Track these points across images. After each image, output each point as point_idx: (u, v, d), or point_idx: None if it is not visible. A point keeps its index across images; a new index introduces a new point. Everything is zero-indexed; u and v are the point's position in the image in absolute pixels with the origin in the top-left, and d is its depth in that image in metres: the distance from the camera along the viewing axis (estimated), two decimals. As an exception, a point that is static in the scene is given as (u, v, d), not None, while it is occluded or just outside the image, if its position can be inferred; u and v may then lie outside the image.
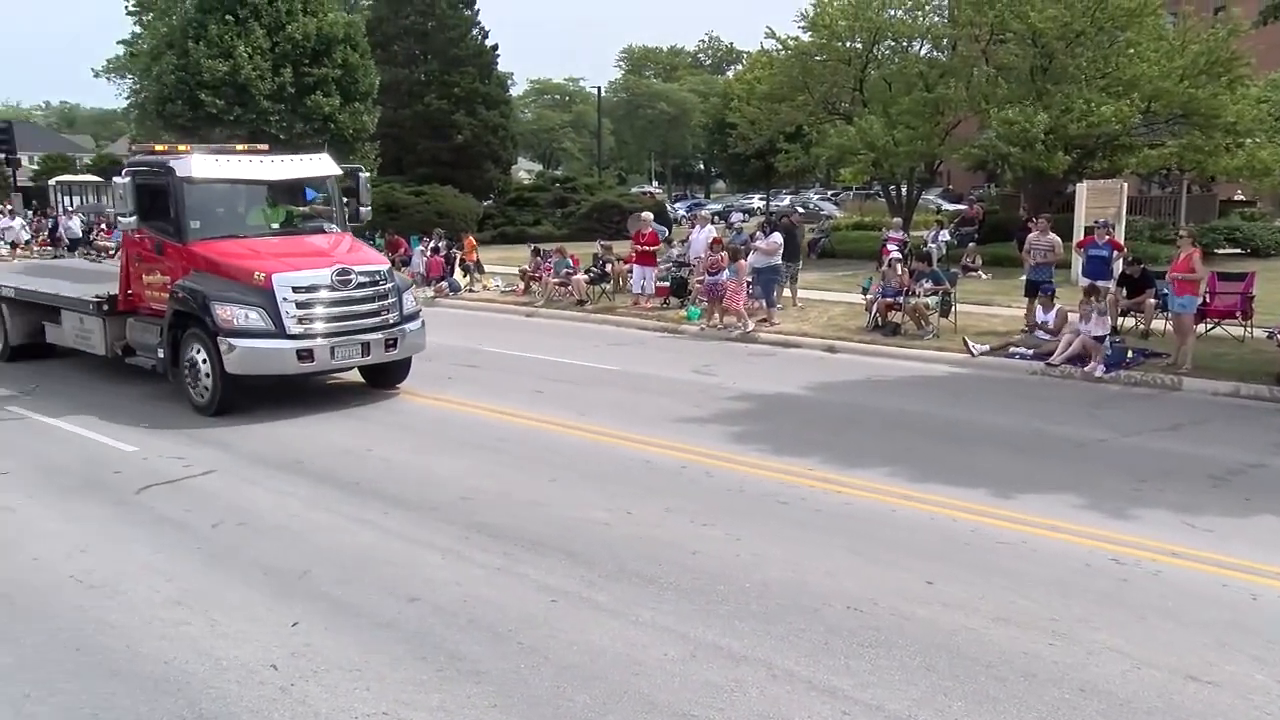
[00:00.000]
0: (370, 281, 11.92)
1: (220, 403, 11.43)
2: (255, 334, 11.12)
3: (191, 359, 11.62)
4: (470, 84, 48.22)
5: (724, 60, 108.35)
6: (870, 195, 50.36)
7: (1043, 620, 6.11)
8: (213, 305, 11.14)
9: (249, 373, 11.30)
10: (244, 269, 11.44)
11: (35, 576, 7.04)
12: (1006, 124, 24.72)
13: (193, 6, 32.71)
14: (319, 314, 11.45)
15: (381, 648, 5.89)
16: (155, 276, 12.37)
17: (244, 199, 12.79)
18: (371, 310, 11.88)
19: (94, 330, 13.23)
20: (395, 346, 12.08)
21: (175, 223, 11.93)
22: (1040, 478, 9.05)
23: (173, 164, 12.04)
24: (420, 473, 9.39)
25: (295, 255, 11.90)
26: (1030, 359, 14.30)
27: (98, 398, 12.70)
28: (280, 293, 11.21)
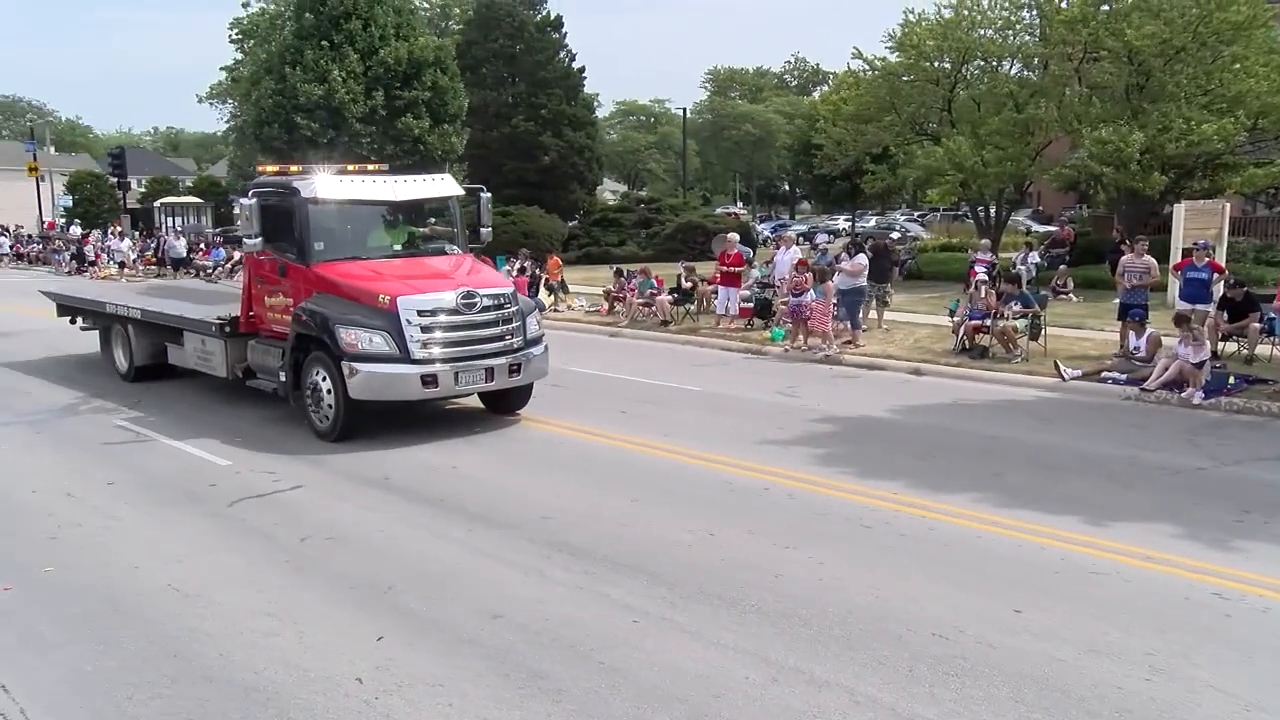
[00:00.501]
0: (495, 304, 11.57)
1: (343, 428, 11.18)
2: (379, 358, 10.88)
3: (314, 383, 11.38)
4: (557, 106, 48.79)
5: (810, 81, 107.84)
6: (958, 216, 49.63)
7: (1139, 654, 5.92)
8: (336, 328, 10.92)
9: (372, 398, 11.06)
10: (368, 291, 11.20)
11: (136, 583, 7.28)
12: (1100, 144, 24.15)
13: (291, 33, 33.72)
14: (444, 338, 11.14)
15: (463, 663, 5.95)
16: (277, 299, 12.19)
17: (366, 220, 12.66)
18: (496, 334, 11.53)
19: (215, 352, 13.18)
20: (519, 371, 11.73)
21: (298, 244, 11.77)
22: (1135, 506, 8.79)
23: (297, 185, 11.94)
24: (503, 490, 9.49)
25: (419, 277, 11.63)
26: (1124, 384, 13.90)
27: (196, 413, 13.11)
28: (405, 316, 10.92)
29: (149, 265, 39.32)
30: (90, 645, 6.27)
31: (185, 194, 62.46)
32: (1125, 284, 16.13)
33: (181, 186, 70.35)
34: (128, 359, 15.23)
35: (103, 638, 6.37)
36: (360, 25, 30.80)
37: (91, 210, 55.85)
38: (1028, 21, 29.30)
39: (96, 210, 55.72)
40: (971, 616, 6.47)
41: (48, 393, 14.49)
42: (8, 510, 9.07)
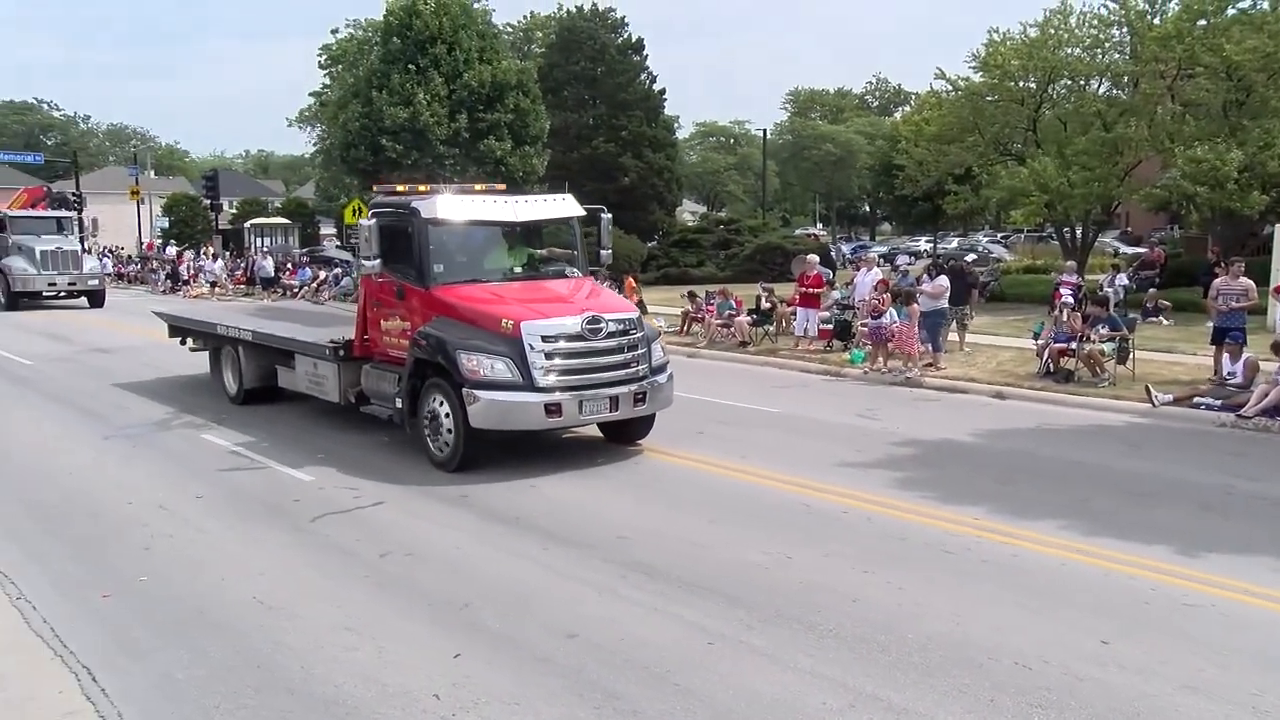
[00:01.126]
0: (621, 330, 11.03)
1: (462, 458, 10.75)
2: (502, 386, 10.39)
3: (432, 410, 10.97)
4: (637, 127, 49.15)
5: (891, 102, 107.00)
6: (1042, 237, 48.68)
7: (1241, 694, 5.70)
8: (457, 354, 10.50)
9: (493, 428, 10.60)
10: (490, 315, 10.79)
11: (223, 595, 7.47)
12: (1194, 162, 23.51)
13: (378, 58, 34.51)
14: (568, 365, 10.63)
15: (539, 682, 5.99)
16: (394, 322, 11.81)
17: (486, 242, 12.26)
18: (621, 361, 10.99)
19: (328, 376, 12.87)
20: (644, 401, 11.19)
21: (417, 266, 11.38)
22: (1231, 537, 8.49)
23: (416, 206, 11.52)
24: (580, 509, 9.54)
25: (541, 301, 11.22)
26: (1219, 410, 13.47)
27: (281, 430, 13.40)
28: (529, 342, 10.44)
29: (238, 284, 40.45)
30: (180, 653, 6.46)
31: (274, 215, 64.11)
32: (1220, 307, 15.64)
33: (270, 208, 72.27)
34: (236, 381, 15.14)
35: (192, 646, 6.56)
36: (445, 49, 31.41)
37: (186, 231, 57.68)
38: (1117, 39, 28.73)
39: (190, 231, 57.54)
40: (1056, 646, 6.31)
41: (144, 408, 14.97)
42: (109, 521, 9.39)
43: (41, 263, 32.52)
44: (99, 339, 23.65)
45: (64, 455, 12.01)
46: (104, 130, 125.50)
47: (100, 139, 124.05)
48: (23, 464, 11.69)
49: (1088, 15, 28.27)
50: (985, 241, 56.28)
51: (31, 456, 12.03)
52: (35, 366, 19.34)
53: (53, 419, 14.34)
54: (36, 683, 6.07)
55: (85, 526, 9.23)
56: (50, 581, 7.82)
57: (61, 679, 6.12)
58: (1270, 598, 7.10)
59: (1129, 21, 27.51)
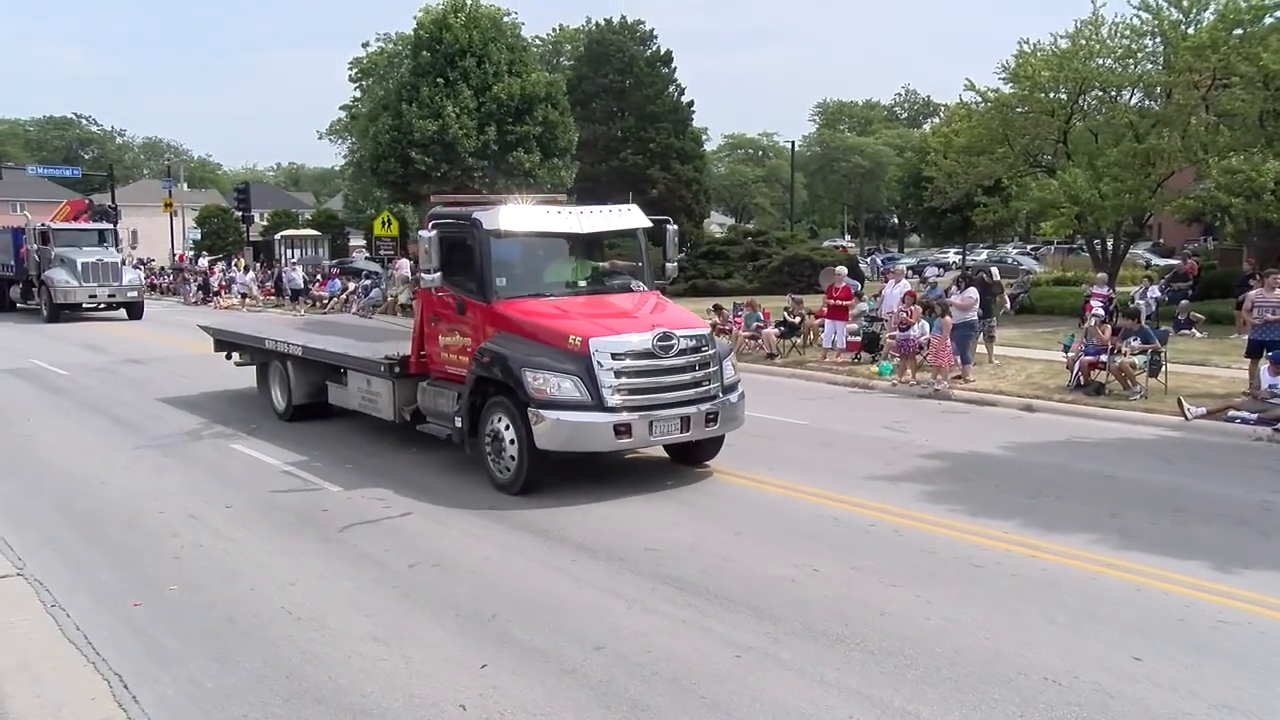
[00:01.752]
0: (693, 347, 10.53)
1: (526, 480, 10.28)
2: (570, 405, 9.91)
3: (494, 431, 10.50)
4: (666, 139, 49.27)
5: (920, 113, 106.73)
6: (1072, 249, 48.37)
7: (1279, 714, 5.62)
8: (523, 372, 10.03)
9: (560, 449, 10.15)
10: (557, 331, 10.32)
11: (252, 604, 7.53)
12: (1229, 173, 23.27)
13: (408, 71, 34.81)
14: (639, 384, 10.16)
15: (567, 694, 5.99)
16: (454, 338, 11.36)
17: (549, 254, 11.87)
18: (693, 379, 10.51)
19: (382, 393, 12.41)
20: (716, 421, 10.71)
21: (479, 279, 10.92)
22: (1268, 554, 8.38)
23: (478, 216, 11.06)
24: (608, 521, 9.54)
25: (609, 316, 10.81)
26: (1254, 424, 13.29)
27: (309, 439, 13.49)
28: (597, 359, 9.96)
29: (268, 295, 40.83)
30: (210, 662, 6.51)
31: (304, 226, 64.79)
32: (1255, 320, 15.45)
33: (301, 219, 73.06)
34: (285, 397, 14.76)
35: (222, 655, 6.61)
36: (475, 62, 31.63)
37: (218, 243, 58.38)
38: (1150, 49, 28.50)
39: (222, 243, 58.23)
40: (1087, 662, 6.25)
41: (176, 418, 15.12)
42: (141, 530, 9.49)
43: (83, 274, 32.56)
44: (132, 350, 23.93)
45: (99, 464, 12.16)
46: (139, 144, 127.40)
47: (135, 152, 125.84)
48: (61, 472, 11.84)
49: (1120, 25, 28.12)
50: (1015, 253, 55.97)
51: (69, 465, 12.18)
52: (71, 376, 19.59)
53: (89, 428, 14.52)
54: (69, 689, 6.14)
55: (119, 535, 9.33)
56: (85, 589, 7.92)
57: (93, 686, 6.19)
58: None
59: (1162, 31, 27.30)
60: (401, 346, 12.55)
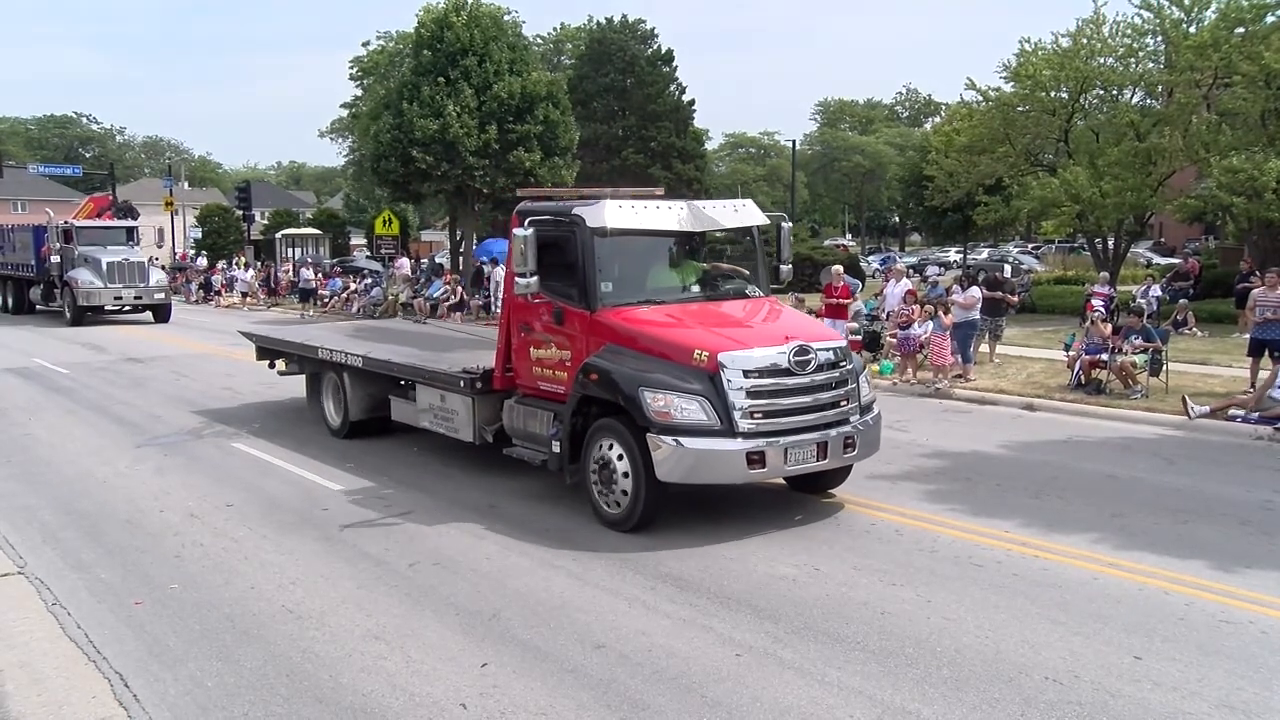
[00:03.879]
0: (831, 362, 9.29)
1: (642, 516, 8.99)
2: (696, 431, 8.61)
3: (603, 458, 9.21)
4: (667, 139, 49.29)
5: (921, 112, 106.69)
6: (1073, 248, 48.35)
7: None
8: (641, 392, 8.73)
9: (684, 480, 8.83)
10: (678, 345, 9.06)
11: (253, 603, 7.53)
12: (1230, 172, 23.24)
13: (409, 70, 34.80)
14: (773, 405, 8.86)
15: (568, 693, 5.99)
16: (549, 351, 10.05)
17: (658, 255, 10.61)
18: (831, 400, 9.23)
19: (458, 411, 11.18)
20: (854, 447, 9.38)
21: (581, 285, 9.62)
22: (1271, 554, 8.37)
23: (580, 213, 9.73)
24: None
25: (733, 327, 9.66)
26: (1256, 423, 13.28)
27: (310, 438, 13.49)
28: (728, 377, 8.69)
29: (267, 295, 40.85)
30: (211, 661, 6.52)
31: (305, 225, 64.77)
32: (1256, 318, 15.44)
33: (302, 218, 73.01)
34: (340, 412, 13.47)
35: (223, 654, 6.61)
36: (476, 61, 31.59)
37: (219, 242, 58.34)
38: (1152, 48, 28.46)
39: (223, 242, 58.18)
40: (1088, 662, 6.24)
41: (177, 416, 15.13)
42: (142, 529, 9.49)
43: (108, 275, 30.86)
44: (132, 348, 23.94)
45: (100, 463, 12.16)
46: (140, 143, 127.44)
47: (136, 151, 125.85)
48: (62, 471, 11.84)
49: (1121, 24, 28.04)
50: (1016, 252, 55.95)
51: (70, 464, 12.18)
52: (72, 375, 19.60)
53: (90, 427, 14.52)
54: (70, 688, 6.14)
55: (120, 534, 9.33)
56: (86, 587, 7.93)
57: (95, 684, 6.19)
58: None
59: (1164, 30, 27.26)
60: (480, 358, 11.35)
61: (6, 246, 35.30)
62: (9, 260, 35.29)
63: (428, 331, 16.19)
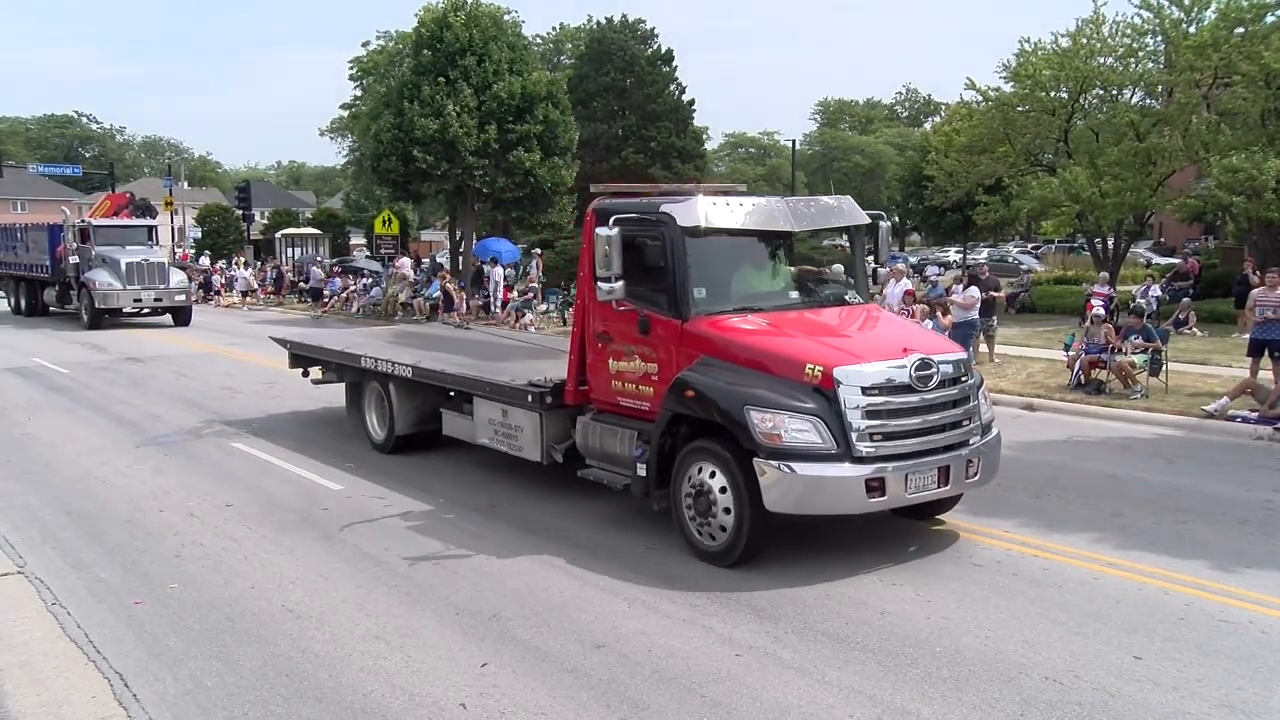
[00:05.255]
0: (953, 377, 8.37)
1: (745, 549, 8.05)
2: (809, 455, 7.70)
3: (699, 484, 8.28)
4: (667, 138, 49.22)
5: (921, 112, 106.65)
6: (1073, 248, 48.36)
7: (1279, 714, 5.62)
8: (747, 411, 7.82)
9: (794, 511, 7.93)
10: (787, 358, 8.14)
11: (253, 603, 7.53)
12: (1230, 172, 23.26)
13: (409, 70, 34.78)
14: (894, 426, 7.95)
15: (568, 693, 5.99)
16: (632, 363, 9.07)
17: (752, 257, 9.58)
18: (953, 419, 8.31)
19: (524, 427, 10.26)
20: (976, 471, 8.48)
21: (671, 290, 8.69)
22: (1271, 554, 8.37)
23: (670, 210, 8.77)
24: (609, 522, 9.55)
25: (842, 337, 8.84)
26: (1256, 423, 13.28)
27: (309, 437, 13.51)
28: (844, 395, 7.79)
29: (267, 294, 40.83)
30: (211, 661, 6.52)
31: (305, 225, 64.76)
32: (1256, 318, 15.44)
33: (301, 218, 73.00)
34: (385, 426, 12.57)
35: (222, 654, 6.61)
36: (475, 61, 31.56)
37: (219, 242, 58.32)
38: (1151, 48, 28.48)
39: (223, 242, 58.15)
40: (1088, 662, 6.25)
41: (176, 416, 15.13)
42: (141, 529, 9.49)
43: (127, 276, 29.31)
44: (131, 348, 23.93)
45: (100, 463, 12.16)
46: (139, 143, 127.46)
47: (136, 151, 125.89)
48: (61, 471, 11.84)
49: (1121, 24, 28.06)
50: (1016, 252, 55.96)
51: (69, 463, 12.18)
52: (72, 375, 19.59)
53: (90, 427, 14.51)
54: (70, 688, 6.14)
55: (119, 533, 9.33)
56: (86, 587, 7.93)
57: (94, 684, 6.19)
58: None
59: (1163, 30, 27.26)
60: (537, 368, 10.66)
61: (19, 246, 34.29)
62: (22, 261, 34.18)
63: (475, 338, 15.24)
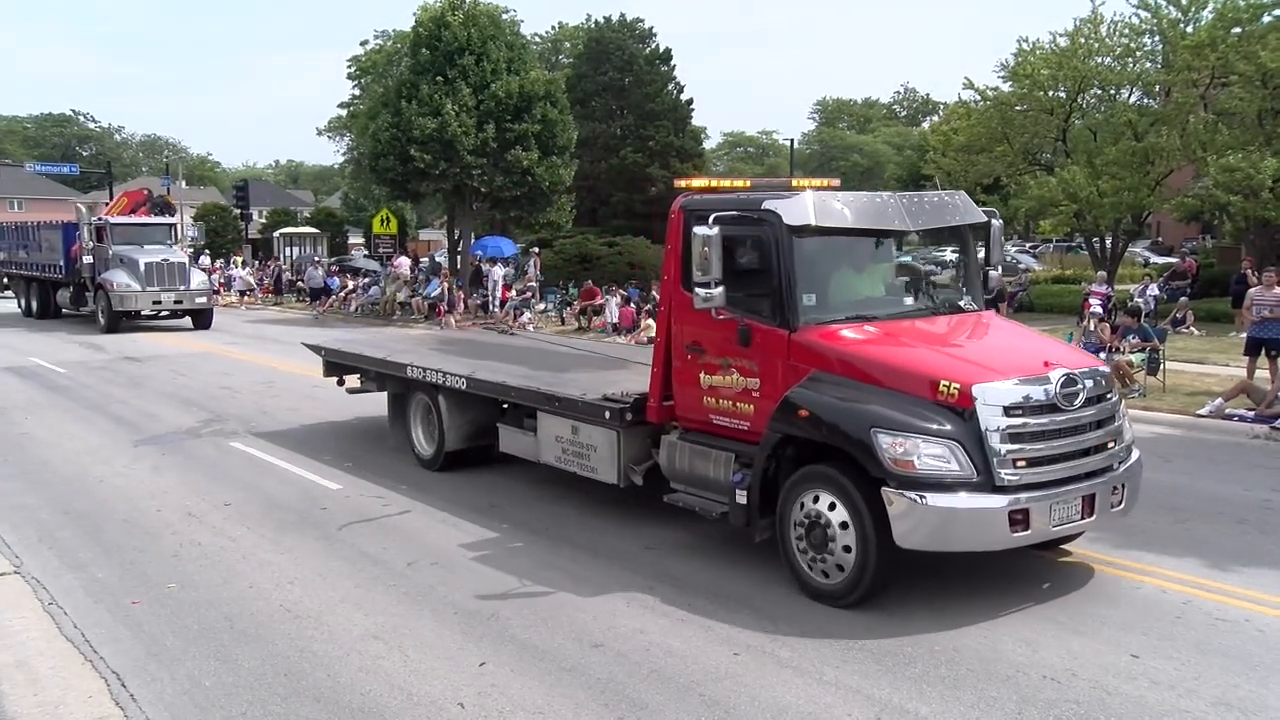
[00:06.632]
0: (1096, 395, 7.46)
1: (869, 587, 7.14)
2: (946, 484, 6.82)
3: (813, 514, 7.35)
4: (665, 138, 49.23)
5: (919, 111, 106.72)
6: (1071, 247, 48.37)
7: (1275, 711, 5.64)
8: (874, 434, 6.94)
9: (932, 548, 7.05)
10: (915, 374, 7.25)
11: (251, 602, 7.53)
12: (1227, 171, 23.31)
13: (407, 69, 34.75)
14: (1038, 451, 7.05)
15: (565, 692, 5.99)
16: (729, 377, 8.13)
17: (862, 260, 8.61)
18: (1099, 440, 7.42)
19: (598, 445, 9.29)
20: (1121, 499, 7.63)
21: (777, 296, 7.78)
22: (1268, 552, 8.39)
23: (774, 207, 7.81)
24: (607, 521, 9.53)
25: (972, 349, 7.94)
26: (1253, 422, 13.30)
27: (308, 437, 13.49)
28: (985, 415, 6.90)
29: (266, 294, 40.79)
30: (209, 661, 6.51)
31: (303, 224, 64.70)
32: (1253, 317, 15.46)
33: (300, 217, 72.94)
34: (433, 441, 11.56)
35: (220, 654, 6.61)
36: (473, 60, 31.53)
37: (217, 241, 58.29)
38: (1149, 48, 28.53)
39: (221, 241, 58.12)
40: (1085, 660, 6.25)
41: (174, 415, 15.11)
42: (139, 528, 9.48)
43: (146, 277, 27.76)
44: (129, 348, 23.90)
45: (98, 462, 12.15)
46: (138, 141, 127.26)
47: (134, 150, 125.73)
48: (59, 470, 11.83)
49: (1119, 24, 28.14)
50: (1014, 251, 55.98)
51: (67, 463, 12.17)
52: (70, 374, 19.58)
53: (87, 426, 14.50)
54: (66, 688, 6.14)
55: (117, 533, 9.33)
56: (83, 587, 7.92)
57: (91, 684, 6.19)
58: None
59: (1161, 30, 27.32)
60: (605, 379, 9.98)
61: (31, 246, 33.07)
62: (34, 260, 32.74)
63: (524, 345, 14.18)
